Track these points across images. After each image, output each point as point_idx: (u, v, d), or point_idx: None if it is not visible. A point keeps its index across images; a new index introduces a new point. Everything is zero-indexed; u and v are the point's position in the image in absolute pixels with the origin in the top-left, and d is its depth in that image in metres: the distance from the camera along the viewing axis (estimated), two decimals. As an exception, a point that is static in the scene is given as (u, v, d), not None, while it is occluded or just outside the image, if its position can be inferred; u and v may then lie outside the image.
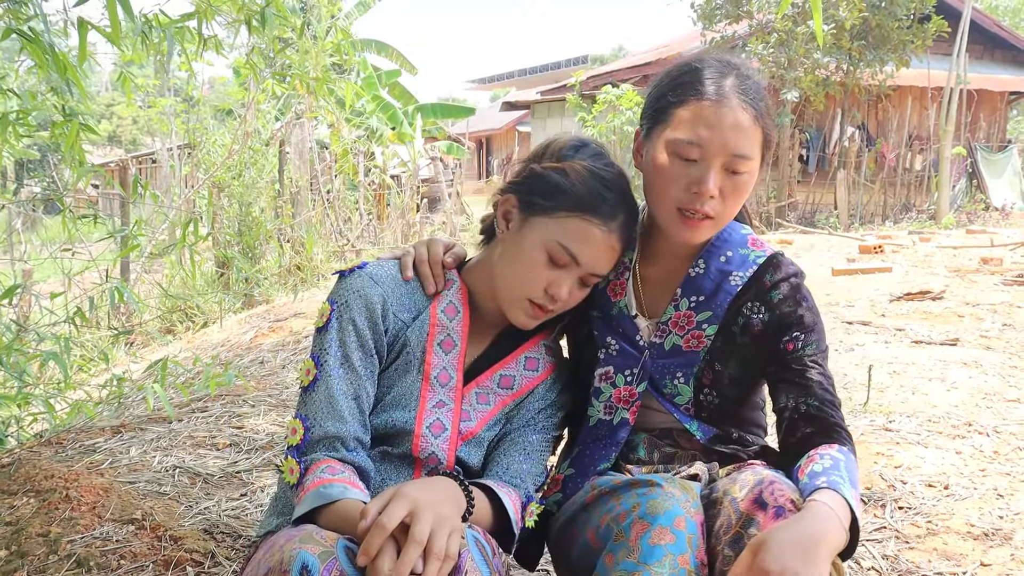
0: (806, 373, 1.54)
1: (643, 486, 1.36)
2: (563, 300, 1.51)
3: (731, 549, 1.30)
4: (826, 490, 1.30)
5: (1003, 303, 6.00)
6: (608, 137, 13.71)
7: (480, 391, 1.59)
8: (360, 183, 11.05)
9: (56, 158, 6.44)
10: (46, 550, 2.02)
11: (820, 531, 1.22)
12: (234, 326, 6.40)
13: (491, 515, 1.45)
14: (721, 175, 1.49)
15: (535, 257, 1.48)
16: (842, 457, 1.41)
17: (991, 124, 18.06)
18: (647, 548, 1.26)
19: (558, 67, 30.05)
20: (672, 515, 1.29)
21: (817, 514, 1.25)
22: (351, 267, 1.53)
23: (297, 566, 1.13)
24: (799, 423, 1.50)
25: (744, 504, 1.32)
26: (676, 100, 1.52)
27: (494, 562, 1.27)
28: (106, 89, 34.63)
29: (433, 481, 1.30)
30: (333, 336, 1.46)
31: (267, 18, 3.01)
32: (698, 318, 1.61)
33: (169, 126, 12.43)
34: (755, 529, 1.28)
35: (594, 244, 1.48)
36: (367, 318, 1.48)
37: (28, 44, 2.41)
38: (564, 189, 1.48)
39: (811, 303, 1.61)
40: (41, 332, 2.97)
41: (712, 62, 1.55)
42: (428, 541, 1.13)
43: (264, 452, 2.98)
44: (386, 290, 1.50)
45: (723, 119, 1.47)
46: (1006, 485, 2.71)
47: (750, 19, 14.51)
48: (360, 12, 15.62)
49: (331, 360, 1.45)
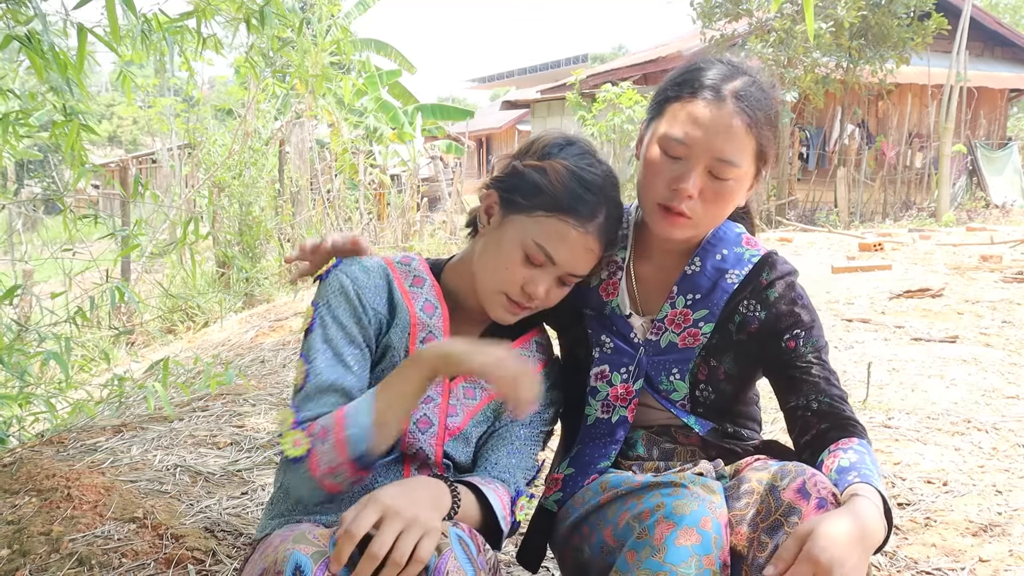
0: (811, 370, 1.54)
1: (667, 486, 1.36)
2: (540, 299, 1.51)
3: (768, 536, 1.30)
4: (863, 484, 1.31)
5: (1003, 300, 6.01)
6: (608, 136, 13.71)
7: (467, 385, 1.59)
8: (360, 182, 11.05)
9: (57, 158, 6.45)
10: (48, 549, 2.03)
11: (865, 525, 1.23)
12: (235, 325, 6.41)
13: (478, 512, 1.45)
14: (703, 177, 1.48)
15: (512, 255, 1.48)
16: (864, 450, 1.42)
17: (991, 122, 18.06)
18: (673, 548, 1.26)
19: (558, 66, 30.00)
20: (698, 515, 1.29)
21: (862, 508, 1.26)
22: (327, 269, 1.54)
23: (290, 566, 1.14)
24: (812, 420, 1.51)
25: (787, 494, 1.31)
26: (674, 96, 1.52)
27: (479, 560, 1.27)
28: (106, 89, 34.63)
29: (413, 483, 1.31)
30: (318, 335, 1.46)
31: (266, 17, 3.02)
32: (695, 316, 1.61)
33: (169, 126, 12.44)
34: (796, 518, 1.28)
35: (570, 244, 1.48)
36: (350, 313, 1.48)
37: (26, 49, 2.41)
38: (543, 188, 1.48)
39: (806, 300, 1.61)
40: (42, 332, 2.98)
41: (722, 64, 1.53)
42: (392, 548, 1.15)
43: (265, 451, 2.99)
44: (358, 283, 1.50)
45: (713, 121, 1.46)
46: (1004, 481, 2.72)
47: (749, 17, 14.51)
48: (360, 11, 15.65)
49: (319, 357, 1.44)
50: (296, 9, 3.59)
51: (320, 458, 1.33)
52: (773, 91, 1.54)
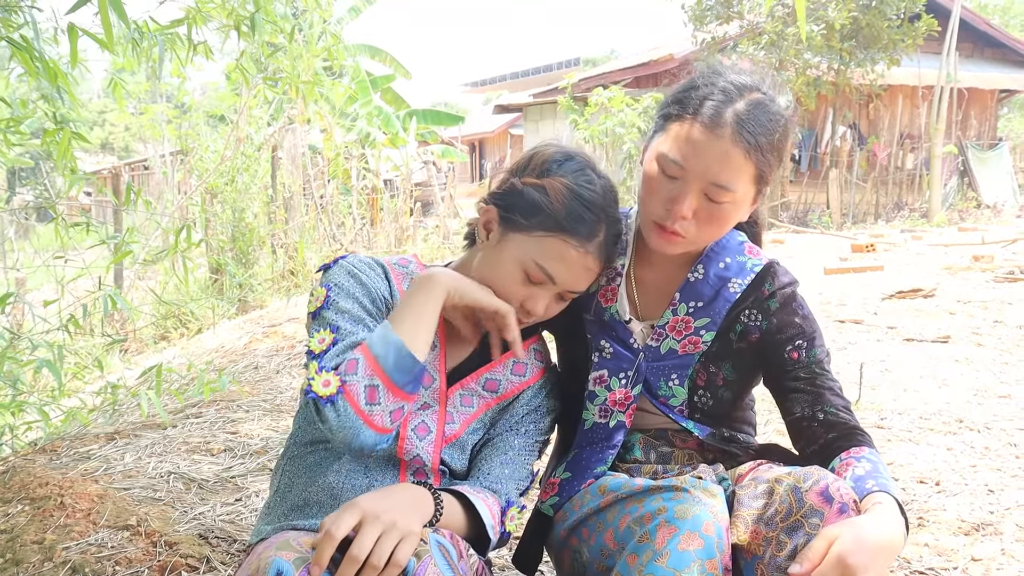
0: (816, 381, 1.56)
1: (668, 490, 1.37)
2: (539, 315, 1.52)
3: (788, 535, 1.31)
4: (882, 493, 1.33)
5: (994, 300, 6.03)
6: (600, 139, 13.72)
7: (464, 393, 1.59)
8: (353, 187, 11.04)
9: (48, 166, 6.43)
10: (41, 557, 2.03)
11: (889, 534, 1.25)
12: (228, 332, 6.39)
13: (465, 521, 1.46)
14: (698, 199, 1.47)
15: (512, 273, 1.49)
16: (875, 459, 1.43)
17: (982, 122, 18.14)
18: (676, 553, 1.27)
19: (550, 69, 30.02)
20: (700, 520, 1.30)
21: (887, 517, 1.27)
22: (334, 259, 1.55)
23: (272, 572, 1.14)
24: (819, 431, 1.52)
25: (810, 496, 1.32)
26: (675, 113, 1.50)
27: (460, 565, 1.28)
28: (98, 96, 34.56)
29: (394, 489, 1.32)
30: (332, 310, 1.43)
31: (256, 24, 3.02)
32: (696, 324, 1.62)
33: (161, 132, 12.42)
34: (818, 520, 1.29)
35: (570, 264, 1.48)
36: (363, 291, 1.48)
37: (18, 52, 2.41)
38: (542, 208, 1.48)
39: (807, 310, 1.63)
40: (35, 340, 2.97)
41: (725, 82, 1.48)
42: (371, 552, 1.16)
43: (259, 457, 2.98)
44: (363, 271, 1.51)
45: (710, 147, 1.44)
46: (996, 480, 2.73)
47: (741, 20, 14.56)
48: (352, 16, 15.63)
49: (341, 321, 1.41)
50: (288, 15, 3.59)
51: (356, 387, 1.32)
52: (785, 110, 1.50)
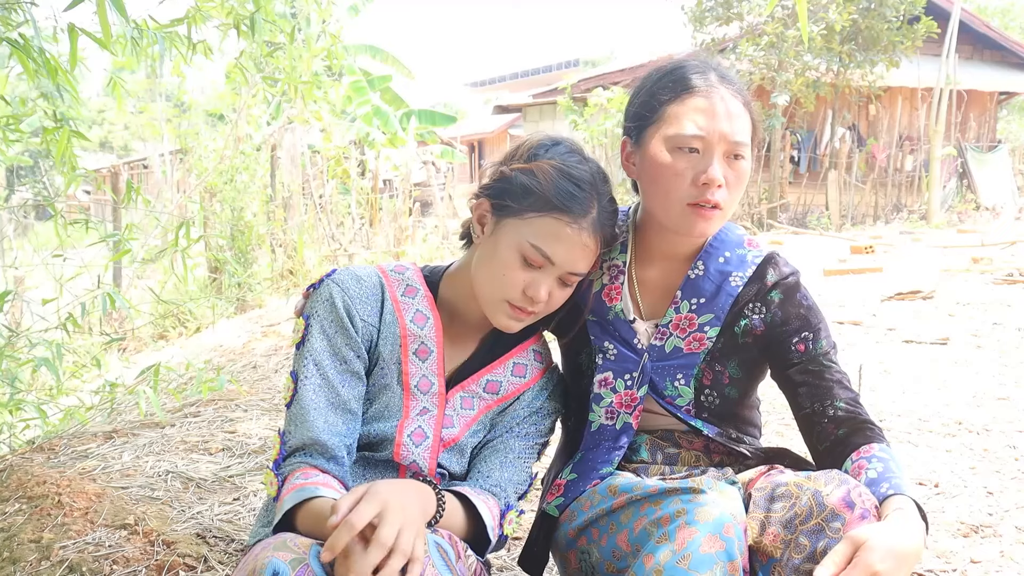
0: (824, 374, 1.55)
1: (686, 492, 1.36)
2: (543, 301, 1.49)
3: (807, 538, 1.31)
4: (899, 496, 1.33)
5: (993, 302, 6.03)
6: (599, 140, 13.72)
7: (465, 395, 1.59)
8: (352, 187, 11.03)
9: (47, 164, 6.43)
10: (38, 556, 2.02)
11: (915, 539, 1.25)
12: (227, 331, 6.39)
13: (465, 522, 1.45)
14: (724, 163, 1.51)
15: (510, 260, 1.47)
16: (887, 456, 1.43)
17: (981, 124, 18.13)
18: (698, 555, 1.27)
19: (549, 70, 30.07)
20: (721, 522, 1.30)
21: (911, 524, 1.27)
22: (320, 278, 1.54)
23: (268, 572, 1.14)
24: (829, 427, 1.51)
25: (832, 500, 1.32)
26: (667, 98, 1.53)
27: (457, 566, 1.28)
28: (97, 95, 34.52)
29: (404, 483, 1.31)
30: (307, 349, 1.47)
31: (256, 23, 3.02)
32: (700, 320, 1.61)
33: (160, 131, 12.41)
34: (839, 524, 1.29)
35: (566, 242, 1.46)
36: (338, 326, 1.48)
37: (17, 51, 2.40)
38: (532, 189, 1.47)
39: (811, 301, 1.62)
40: (33, 338, 2.97)
41: (689, 62, 1.59)
42: (394, 542, 1.15)
43: (257, 456, 2.98)
44: (349, 294, 1.50)
45: (717, 108, 1.50)
46: (996, 483, 2.73)
47: (740, 21, 14.56)
48: (351, 15, 15.62)
49: (305, 374, 1.46)
50: (288, 15, 3.59)
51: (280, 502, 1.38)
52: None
